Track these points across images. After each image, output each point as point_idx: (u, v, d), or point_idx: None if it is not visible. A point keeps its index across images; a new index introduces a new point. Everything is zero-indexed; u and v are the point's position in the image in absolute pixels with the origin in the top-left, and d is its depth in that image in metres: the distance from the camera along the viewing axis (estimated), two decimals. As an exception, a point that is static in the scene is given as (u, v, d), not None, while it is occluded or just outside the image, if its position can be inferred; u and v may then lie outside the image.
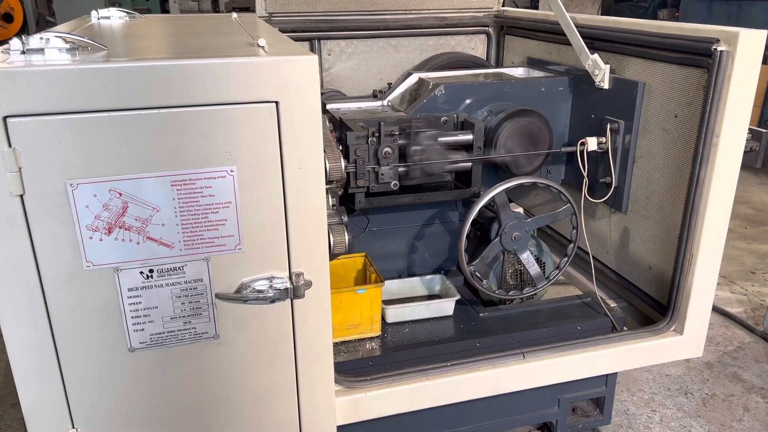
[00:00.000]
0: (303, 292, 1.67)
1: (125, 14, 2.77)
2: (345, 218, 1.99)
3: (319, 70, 1.46)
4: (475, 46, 3.47)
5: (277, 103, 1.50)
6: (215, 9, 12.21)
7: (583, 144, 2.50)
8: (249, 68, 1.48)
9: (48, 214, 1.44)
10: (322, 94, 3.02)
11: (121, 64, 1.42)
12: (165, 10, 12.14)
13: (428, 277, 2.72)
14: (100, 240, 1.49)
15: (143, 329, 1.60)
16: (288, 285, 1.66)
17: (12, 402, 3.06)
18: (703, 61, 2.07)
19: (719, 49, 1.98)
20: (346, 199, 2.41)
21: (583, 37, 2.47)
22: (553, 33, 2.92)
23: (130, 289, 1.55)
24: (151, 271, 1.55)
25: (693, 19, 8.06)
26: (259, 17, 3.03)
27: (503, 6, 3.43)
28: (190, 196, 1.51)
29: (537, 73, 2.97)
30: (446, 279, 2.68)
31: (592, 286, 2.61)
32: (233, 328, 1.67)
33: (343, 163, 1.88)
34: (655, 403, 3.06)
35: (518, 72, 3.04)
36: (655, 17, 9.49)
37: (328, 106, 2.67)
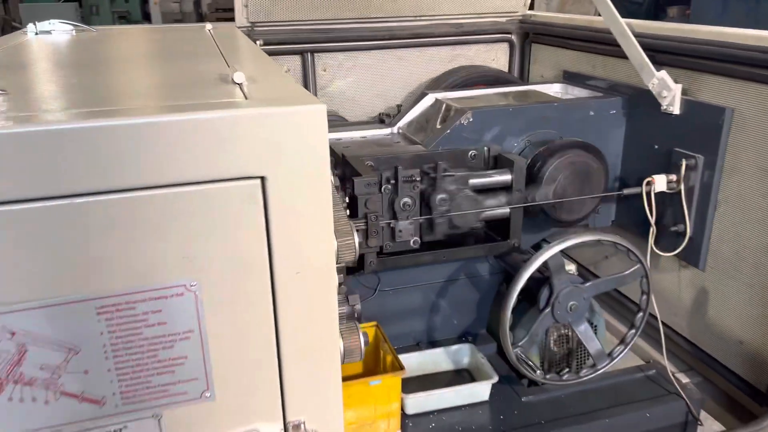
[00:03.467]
0: (306, 450, 1.13)
1: (72, 27, 2.21)
2: (358, 307, 1.46)
3: (327, 123, 0.91)
4: (496, 56, 2.96)
5: (262, 178, 0.96)
6: (198, 11, 11.62)
7: (649, 184, 2.00)
8: (219, 126, 0.94)
9: None
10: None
11: (9, 129, 0.87)
12: (146, 12, 11.62)
13: (454, 347, 2.23)
14: (-15, 400, 0.94)
15: None
16: (283, 440, 1.12)
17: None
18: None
19: None
20: (353, 260, 1.90)
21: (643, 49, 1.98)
22: (594, 42, 2.42)
23: (40, 469, 1.01)
24: (72, 438, 1.01)
25: (706, 17, 7.56)
26: (239, 28, 2.49)
27: (531, 9, 2.91)
28: (128, 325, 0.96)
29: (577, 91, 2.46)
30: (476, 349, 2.17)
31: (657, 354, 2.12)
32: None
33: (356, 239, 1.34)
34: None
35: (554, 89, 2.53)
36: (652, 16, 8.87)
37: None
